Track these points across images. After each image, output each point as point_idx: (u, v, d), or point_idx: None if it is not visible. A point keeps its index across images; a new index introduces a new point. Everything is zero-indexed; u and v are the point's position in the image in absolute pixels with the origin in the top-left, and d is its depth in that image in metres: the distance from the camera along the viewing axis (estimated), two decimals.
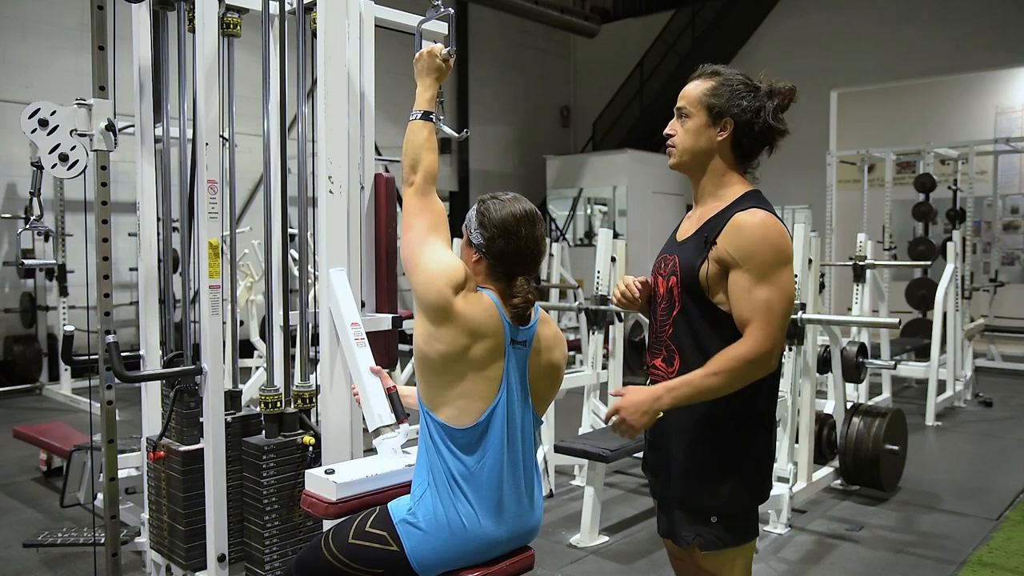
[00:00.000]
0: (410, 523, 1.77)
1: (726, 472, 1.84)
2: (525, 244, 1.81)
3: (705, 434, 1.85)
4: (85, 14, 3.87)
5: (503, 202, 1.84)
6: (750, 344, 1.73)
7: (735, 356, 1.73)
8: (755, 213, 1.78)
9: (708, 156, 1.87)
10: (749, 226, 1.77)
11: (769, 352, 1.74)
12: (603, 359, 4.76)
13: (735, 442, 1.85)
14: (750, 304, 1.74)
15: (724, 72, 1.87)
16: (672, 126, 1.92)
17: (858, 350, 5.11)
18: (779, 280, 1.75)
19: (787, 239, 1.80)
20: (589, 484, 3.72)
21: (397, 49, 4.88)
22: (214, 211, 2.58)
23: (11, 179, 7.70)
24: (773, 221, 1.78)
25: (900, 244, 9.36)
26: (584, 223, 13.17)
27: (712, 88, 1.85)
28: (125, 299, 7.79)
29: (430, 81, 2.01)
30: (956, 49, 10.34)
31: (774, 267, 1.75)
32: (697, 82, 1.89)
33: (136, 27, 2.84)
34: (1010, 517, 4.04)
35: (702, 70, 1.91)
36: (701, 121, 1.85)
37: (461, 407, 1.75)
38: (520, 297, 1.79)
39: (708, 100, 1.84)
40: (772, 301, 1.74)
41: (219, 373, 2.60)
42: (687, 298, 1.84)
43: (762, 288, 1.74)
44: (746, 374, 1.74)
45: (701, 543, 1.85)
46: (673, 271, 1.88)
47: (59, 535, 3.44)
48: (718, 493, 1.84)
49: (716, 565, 1.89)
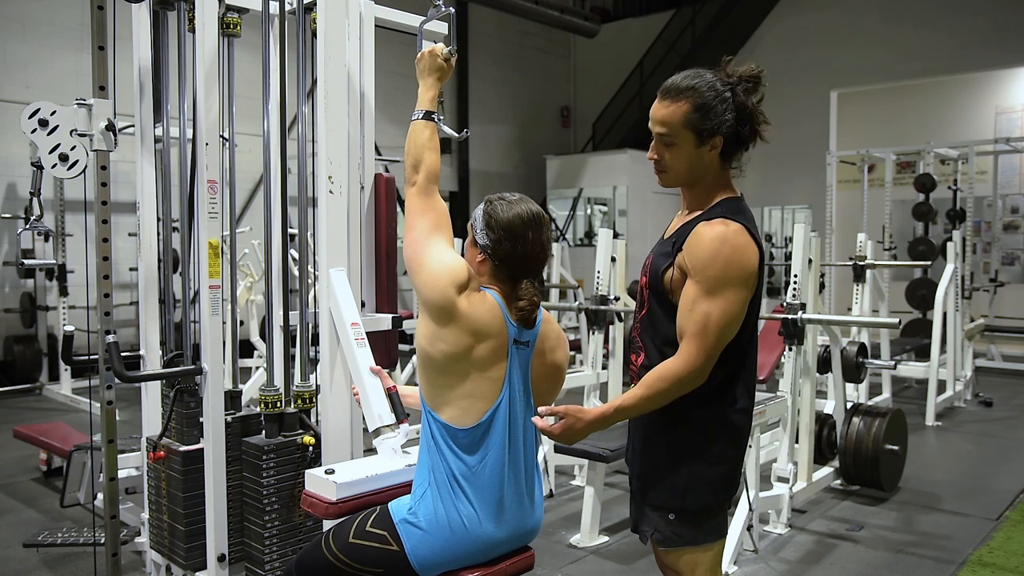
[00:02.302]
0: (410, 523, 1.77)
1: (683, 469, 1.81)
2: (531, 248, 1.81)
3: (664, 430, 1.84)
4: (85, 14, 3.87)
5: (510, 203, 1.83)
6: (680, 361, 1.72)
7: (663, 375, 1.72)
8: (714, 225, 1.73)
9: (701, 172, 1.83)
10: (706, 238, 1.73)
11: (699, 369, 1.71)
12: (603, 359, 4.76)
13: (695, 441, 1.82)
14: (691, 317, 1.72)
15: (695, 86, 1.76)
16: (656, 151, 1.83)
17: (858, 350, 5.11)
18: (723, 297, 1.70)
19: (744, 256, 1.72)
20: (589, 484, 3.72)
21: (397, 49, 4.89)
22: (214, 211, 2.58)
23: (11, 179, 7.69)
24: (734, 235, 1.72)
25: (900, 244, 9.37)
26: (584, 223, 13.17)
27: (692, 111, 1.75)
28: (125, 299, 7.79)
29: (432, 81, 2.01)
30: (956, 49, 10.34)
31: (721, 284, 1.70)
32: (672, 106, 1.77)
33: (136, 27, 2.84)
34: (1010, 517, 4.04)
35: (669, 88, 1.79)
36: (690, 145, 1.78)
37: (463, 407, 1.75)
38: (526, 300, 1.79)
39: (694, 124, 1.75)
40: (711, 317, 1.70)
41: (219, 373, 2.60)
42: (652, 299, 1.86)
43: (704, 302, 1.70)
44: (675, 390, 1.72)
45: (659, 539, 1.85)
46: (645, 271, 1.91)
47: (59, 535, 3.44)
48: (675, 490, 1.82)
49: (677, 563, 1.86)
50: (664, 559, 1.90)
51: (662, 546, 1.86)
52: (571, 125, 14.69)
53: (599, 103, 13.74)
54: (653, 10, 13.68)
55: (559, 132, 14.48)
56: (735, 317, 1.73)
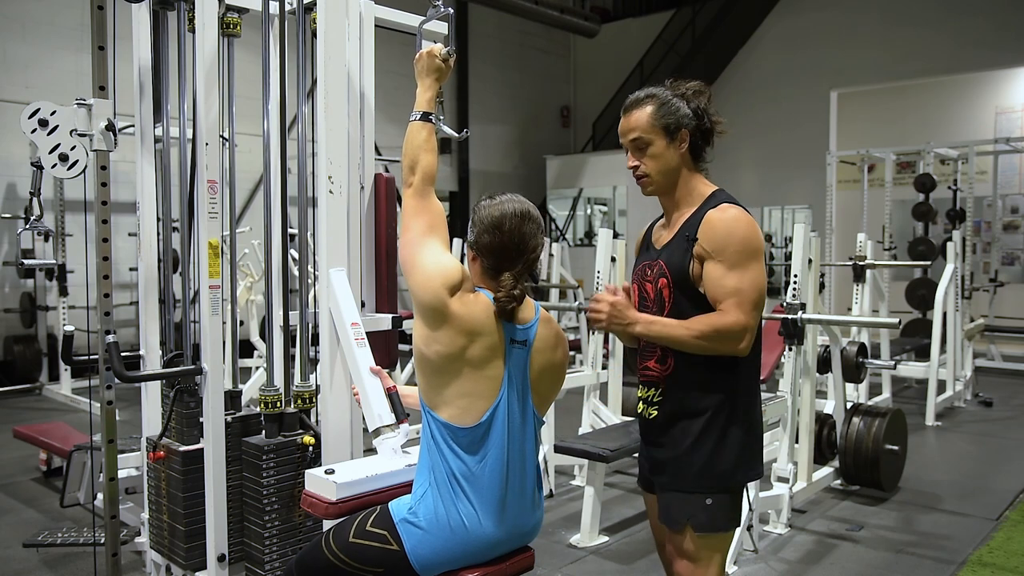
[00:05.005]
0: (411, 522, 1.77)
1: (720, 452, 1.90)
2: (509, 238, 1.81)
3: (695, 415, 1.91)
4: (85, 14, 3.87)
5: (497, 201, 1.85)
6: (725, 317, 1.83)
7: (711, 322, 1.83)
8: (725, 209, 1.90)
9: (677, 171, 1.97)
10: (720, 221, 1.88)
11: (741, 328, 1.82)
12: (603, 359, 4.76)
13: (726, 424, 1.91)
14: (723, 289, 1.84)
15: (653, 92, 1.96)
16: (634, 159, 1.98)
17: (858, 350, 5.11)
18: (748, 270, 1.85)
19: (756, 232, 1.89)
20: (589, 484, 3.72)
21: (397, 49, 4.88)
22: (214, 211, 2.58)
23: (11, 179, 7.70)
24: (743, 215, 1.90)
25: (900, 244, 9.36)
26: (584, 223, 13.18)
27: (656, 110, 1.93)
28: (125, 299, 7.79)
29: (430, 81, 2.02)
30: (956, 49, 10.34)
31: (744, 257, 1.85)
32: (636, 113, 1.96)
33: (136, 27, 2.85)
34: (1010, 517, 4.04)
35: (630, 103, 1.98)
36: (662, 143, 1.94)
37: (462, 406, 1.76)
38: (503, 292, 1.78)
39: (660, 122, 1.93)
40: (742, 287, 1.84)
41: (219, 373, 2.60)
42: (679, 295, 1.92)
43: (733, 276, 1.84)
44: (715, 342, 1.83)
45: (696, 524, 1.90)
46: (662, 273, 1.95)
47: (59, 535, 3.44)
48: (711, 474, 1.90)
49: (701, 550, 1.92)
50: (687, 546, 1.93)
51: (699, 531, 1.91)
52: (571, 125, 14.70)
53: (599, 103, 13.74)
54: (653, 10, 13.68)
55: (559, 132, 14.48)
56: (762, 288, 1.87)
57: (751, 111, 11.46)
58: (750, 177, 11.74)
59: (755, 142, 11.42)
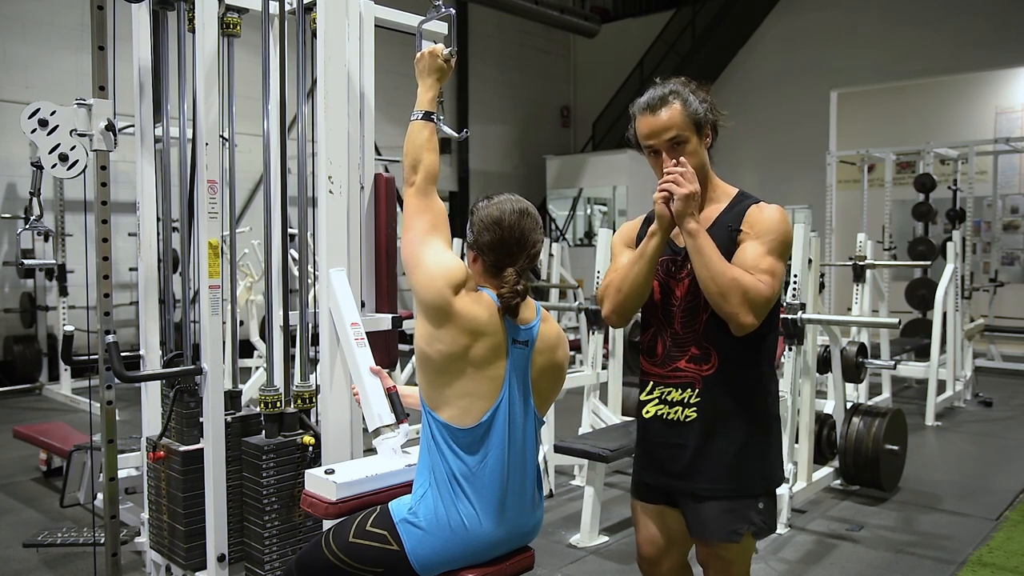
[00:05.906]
0: (411, 522, 1.77)
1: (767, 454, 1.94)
2: (509, 233, 1.81)
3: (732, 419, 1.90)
4: (85, 14, 3.87)
5: (495, 201, 1.86)
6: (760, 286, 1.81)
7: (748, 281, 1.80)
8: (769, 205, 1.94)
9: (706, 168, 1.96)
10: (770, 211, 1.92)
11: (763, 299, 1.81)
12: (603, 359, 4.75)
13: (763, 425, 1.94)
14: (760, 265, 1.84)
15: (675, 89, 1.91)
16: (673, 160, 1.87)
17: (858, 350, 5.11)
18: (782, 259, 1.90)
19: (792, 232, 1.96)
20: (589, 484, 3.72)
21: (397, 49, 4.88)
22: (214, 211, 2.58)
23: (11, 179, 7.70)
24: (785, 215, 1.96)
25: (900, 244, 9.36)
26: (584, 223, 13.17)
27: (683, 106, 1.89)
28: (125, 299, 7.79)
29: (431, 81, 2.02)
30: (956, 49, 10.34)
31: (784, 248, 1.90)
32: (666, 111, 1.88)
33: (136, 27, 2.84)
34: (1010, 517, 4.04)
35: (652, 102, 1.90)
36: (695, 140, 1.91)
37: (463, 407, 1.76)
38: (507, 287, 1.77)
39: (692, 118, 1.89)
40: (775, 269, 1.86)
41: (219, 373, 2.60)
42: None
43: (770, 258, 1.86)
44: (735, 297, 1.79)
45: (754, 531, 1.90)
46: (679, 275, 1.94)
47: (59, 535, 3.44)
48: (761, 476, 1.92)
49: (732, 552, 1.93)
50: (725, 552, 1.93)
51: (758, 537, 1.92)
52: (571, 125, 14.69)
53: (599, 103, 13.74)
54: (653, 10, 13.67)
55: (559, 132, 14.48)
56: (782, 281, 1.91)
57: (751, 111, 11.45)
58: (750, 177, 11.73)
59: (755, 142, 11.42)
